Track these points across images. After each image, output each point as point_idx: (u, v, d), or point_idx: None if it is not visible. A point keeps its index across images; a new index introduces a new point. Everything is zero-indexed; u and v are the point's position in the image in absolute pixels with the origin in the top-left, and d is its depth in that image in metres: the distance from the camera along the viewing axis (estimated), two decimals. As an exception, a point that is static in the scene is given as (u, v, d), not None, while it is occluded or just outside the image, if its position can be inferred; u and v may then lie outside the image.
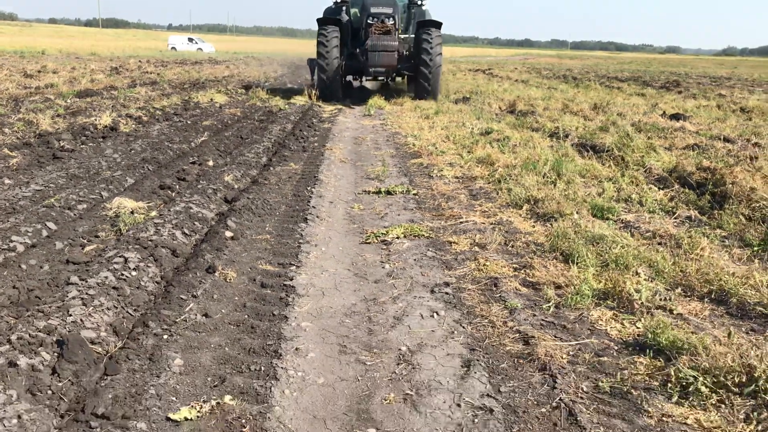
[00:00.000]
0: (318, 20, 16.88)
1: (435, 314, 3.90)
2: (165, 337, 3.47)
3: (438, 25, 16.57)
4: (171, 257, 4.61)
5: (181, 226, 5.19)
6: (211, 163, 7.99)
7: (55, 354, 3.06)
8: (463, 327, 3.74)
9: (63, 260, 4.49)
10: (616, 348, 3.50)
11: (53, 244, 4.76)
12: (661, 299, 3.99)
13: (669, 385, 3.04)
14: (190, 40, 67.88)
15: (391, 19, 16.53)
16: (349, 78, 19.12)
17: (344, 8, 17.99)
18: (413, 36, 17.48)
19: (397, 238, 5.32)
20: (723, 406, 2.88)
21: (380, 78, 17.94)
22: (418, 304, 4.05)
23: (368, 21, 16.51)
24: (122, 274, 4.05)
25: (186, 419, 2.76)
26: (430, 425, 2.80)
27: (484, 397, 3.00)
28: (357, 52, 16.80)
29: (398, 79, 19.54)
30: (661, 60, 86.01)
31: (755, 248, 5.00)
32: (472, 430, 2.76)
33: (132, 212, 5.56)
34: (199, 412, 2.81)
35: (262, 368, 3.20)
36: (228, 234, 5.21)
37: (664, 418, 2.83)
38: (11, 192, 6.07)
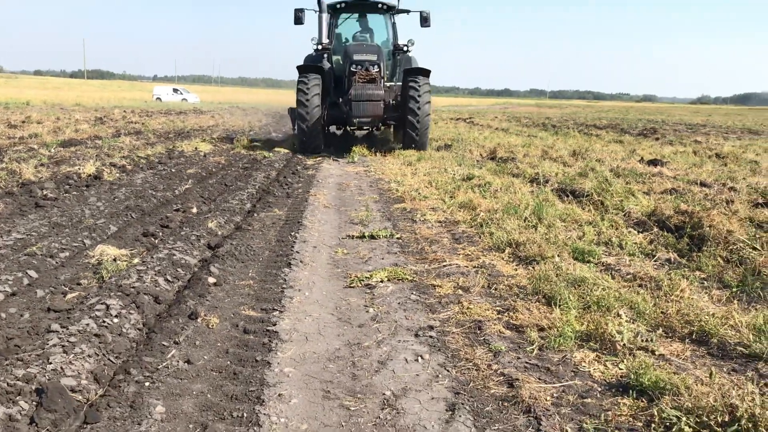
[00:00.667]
0: (298, 68, 15.78)
1: (419, 358, 3.90)
2: (147, 384, 3.43)
3: (426, 72, 15.68)
4: (153, 304, 4.58)
5: (163, 273, 5.17)
6: (194, 210, 8.00)
7: (34, 403, 3.02)
8: (448, 370, 3.74)
9: (44, 308, 4.44)
10: (599, 389, 3.51)
11: (34, 292, 4.72)
12: (642, 340, 4.02)
13: (653, 425, 3.04)
14: (175, 90, 68.41)
15: (376, 66, 15.54)
16: (332, 128, 18.14)
17: (326, 55, 16.93)
18: (399, 84, 16.55)
19: (381, 281, 5.33)
20: (706, 445, 2.88)
21: (365, 128, 17.03)
22: (402, 348, 4.05)
23: (351, 69, 15.50)
24: (104, 321, 4.02)
25: (167, 467, 2.72)
26: (415, 469, 2.78)
27: (469, 440, 2.99)
28: (340, 101, 15.90)
29: (383, 127, 18.63)
30: (638, 108, 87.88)
31: (734, 289, 5.06)
32: (457, 474, 2.74)
33: (115, 259, 5.53)
34: (180, 459, 2.77)
35: (245, 415, 3.17)
36: (211, 280, 5.20)
37: (648, 459, 2.83)
38: (-8, 240, 6.02)
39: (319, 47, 16.64)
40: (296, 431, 3.07)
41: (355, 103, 14.81)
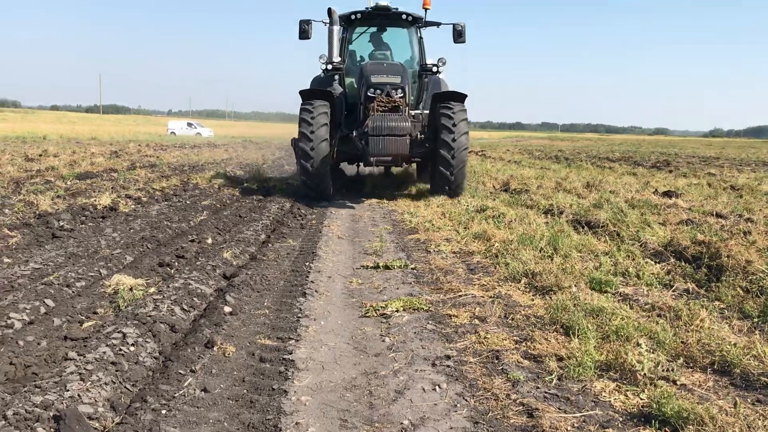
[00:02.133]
0: (302, 92, 12.95)
1: (437, 387, 3.86)
2: (163, 412, 3.41)
3: (461, 97, 12.88)
4: (169, 332, 4.58)
5: (179, 302, 5.17)
6: (210, 240, 8.03)
7: (52, 429, 3.00)
8: (466, 400, 3.70)
9: (61, 336, 4.45)
10: (620, 419, 3.45)
11: (51, 321, 4.73)
12: (663, 370, 3.95)
13: (677, 455, 2.99)
14: (189, 124, 69.33)
15: (400, 91, 12.55)
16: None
17: (337, 77, 14.08)
18: (427, 112, 13.82)
19: (397, 311, 5.31)
20: (733, 476, 2.82)
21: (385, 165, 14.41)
22: (419, 378, 4.01)
23: (368, 94, 12.54)
24: (120, 350, 4.02)
25: (184, 495, 2.68)
26: (435, 499, 2.73)
27: (490, 470, 2.94)
28: (353, 135, 12.68)
29: (406, 165, 15.98)
30: (650, 141, 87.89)
31: (755, 320, 4.99)
32: (479, 504, 2.68)
33: (131, 289, 5.54)
34: (197, 488, 2.74)
35: (262, 443, 3.14)
36: (227, 309, 5.20)
37: (674, 490, 2.77)
38: (10, 270, 6.07)
39: (329, 67, 13.77)
40: (314, 460, 3.03)
41: (374, 138, 11.60)
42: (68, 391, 3.37)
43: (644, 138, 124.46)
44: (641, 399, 3.64)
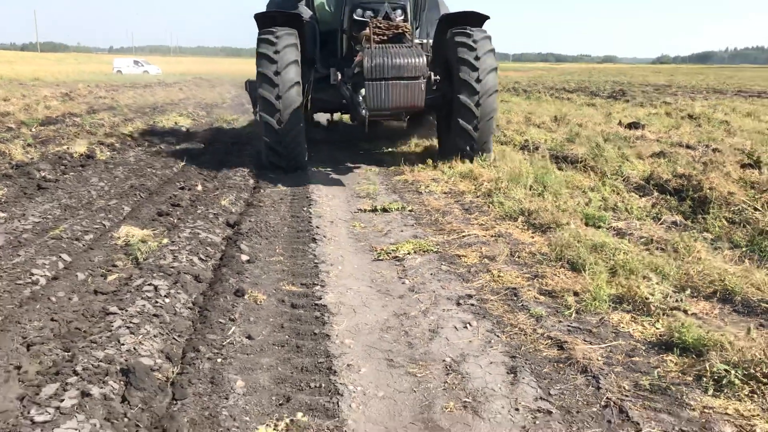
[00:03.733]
0: (257, 17, 9.37)
1: (468, 325, 4.10)
2: (219, 360, 3.56)
3: (480, 19, 9.57)
4: (195, 283, 4.69)
5: (195, 252, 5.26)
6: (200, 187, 8.02)
7: (123, 382, 3.13)
8: (498, 336, 3.94)
9: (90, 291, 4.51)
10: (643, 348, 3.75)
11: (75, 276, 4.76)
12: (673, 301, 4.27)
13: (704, 379, 3.30)
14: (136, 62, 66.68)
15: (400, 11, 9.39)
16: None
17: None
18: (430, 42, 10.43)
19: (408, 254, 5.49)
20: (755, 395, 3.15)
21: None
22: (448, 317, 4.24)
23: (356, 17, 9.41)
24: (157, 302, 4.13)
25: (267, 437, 2.87)
26: (496, 429, 2.98)
27: (538, 400, 3.21)
28: (339, 78, 8.97)
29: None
30: (600, 69, 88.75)
31: (744, 249, 5.36)
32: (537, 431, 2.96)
33: (143, 240, 5.58)
34: (275, 429, 2.93)
35: (323, 385, 3.33)
36: (244, 257, 5.30)
37: (705, 410, 3.08)
38: (10, 225, 6.00)
39: None
40: (374, 398, 3.25)
41: (374, 84, 7.91)
42: (123, 345, 3.49)
43: (594, 66, 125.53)
44: (657, 328, 3.95)
